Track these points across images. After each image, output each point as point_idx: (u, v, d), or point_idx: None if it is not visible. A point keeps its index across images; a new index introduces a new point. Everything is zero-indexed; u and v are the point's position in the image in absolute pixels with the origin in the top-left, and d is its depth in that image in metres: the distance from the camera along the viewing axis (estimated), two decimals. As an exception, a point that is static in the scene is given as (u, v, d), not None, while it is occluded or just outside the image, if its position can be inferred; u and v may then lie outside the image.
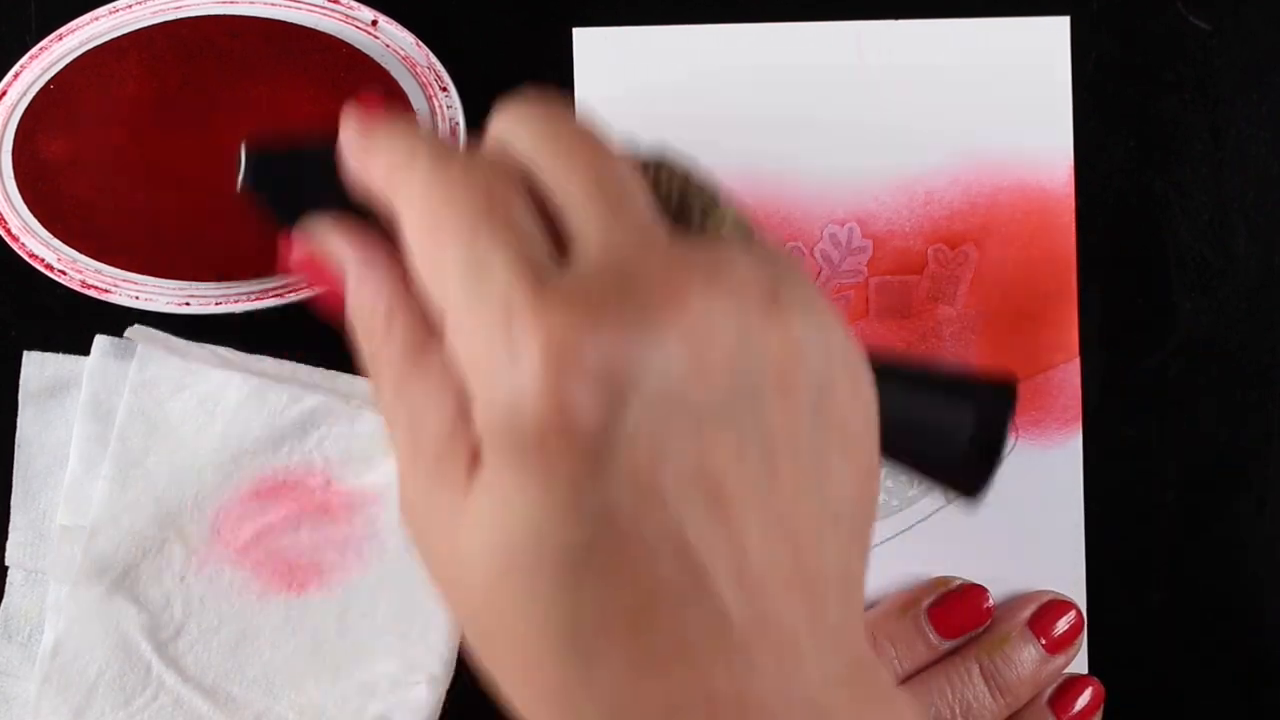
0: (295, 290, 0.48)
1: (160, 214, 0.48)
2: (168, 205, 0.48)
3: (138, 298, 0.48)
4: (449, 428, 0.28)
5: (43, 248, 0.48)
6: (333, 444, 0.48)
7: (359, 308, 0.31)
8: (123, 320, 0.48)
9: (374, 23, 0.49)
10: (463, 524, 0.28)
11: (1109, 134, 0.50)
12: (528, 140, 0.30)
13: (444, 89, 0.49)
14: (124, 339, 0.48)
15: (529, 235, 0.28)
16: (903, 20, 0.50)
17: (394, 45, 0.49)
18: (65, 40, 0.49)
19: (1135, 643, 0.50)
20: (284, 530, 0.48)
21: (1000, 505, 0.49)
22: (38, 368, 0.48)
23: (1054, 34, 0.50)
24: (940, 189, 0.50)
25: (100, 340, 0.48)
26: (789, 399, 0.28)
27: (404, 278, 0.30)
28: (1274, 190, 0.50)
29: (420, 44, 0.49)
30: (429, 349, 0.29)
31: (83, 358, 0.48)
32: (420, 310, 0.30)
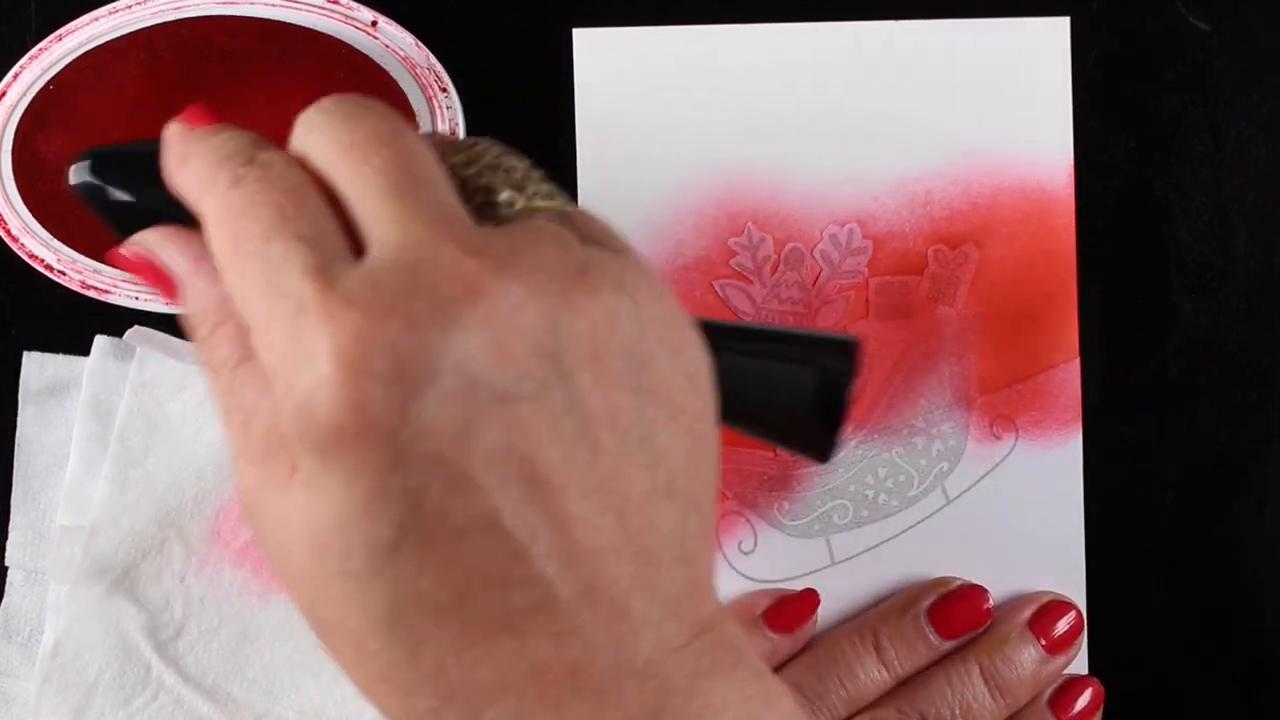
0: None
1: (160, 214, 0.48)
2: (168, 205, 0.48)
3: (138, 298, 0.48)
4: (273, 425, 0.29)
5: (42, 248, 0.48)
6: (333, 444, 0.48)
7: (191, 313, 0.32)
8: (123, 320, 0.48)
9: (373, 23, 0.49)
10: (288, 517, 0.29)
11: (1109, 134, 0.50)
12: (323, 146, 0.31)
13: (444, 89, 0.49)
14: (124, 340, 0.48)
15: (323, 239, 0.29)
16: (903, 20, 0.50)
17: (393, 46, 0.49)
18: (65, 40, 0.49)
19: (1135, 643, 0.50)
20: (284, 530, 0.48)
21: (1000, 505, 0.49)
22: (38, 368, 0.48)
23: (1054, 34, 0.50)
24: (940, 189, 0.50)
25: (100, 340, 0.48)
26: (603, 374, 0.28)
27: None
28: (1274, 190, 0.50)
29: (420, 44, 0.49)
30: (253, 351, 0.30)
31: (83, 358, 0.48)
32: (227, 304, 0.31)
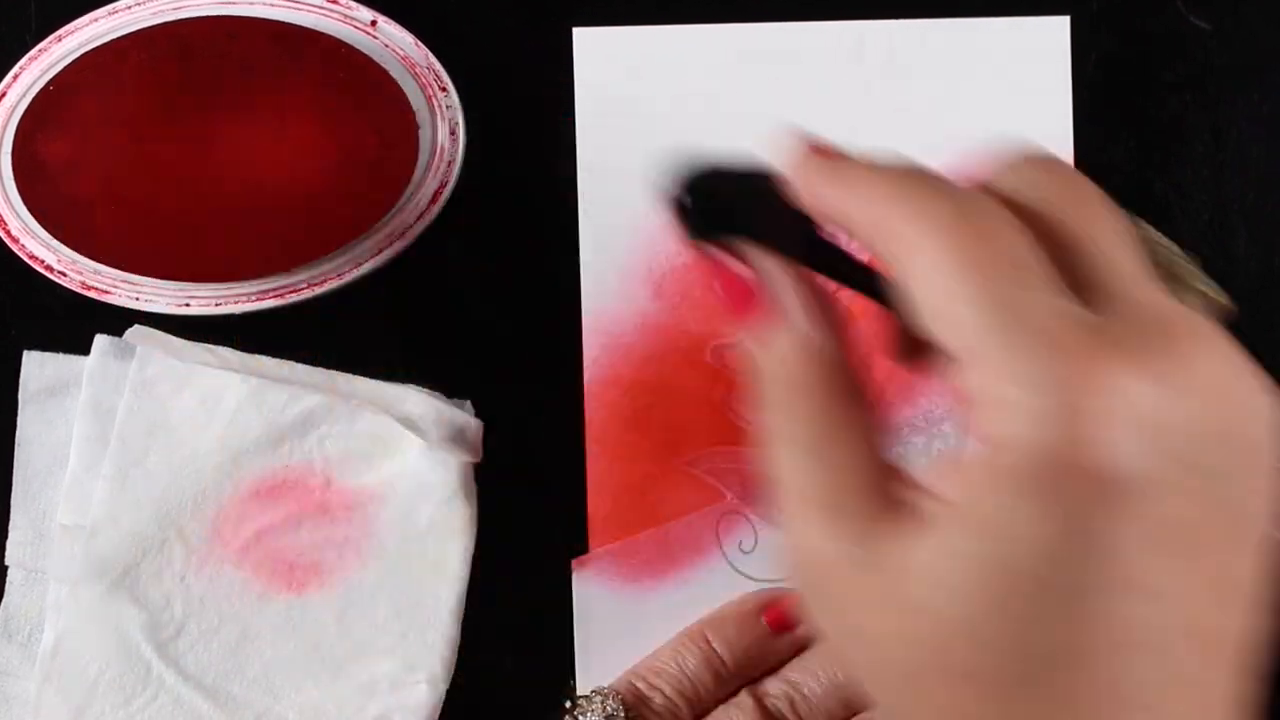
0: (295, 291, 0.48)
1: (160, 214, 0.48)
2: (168, 205, 0.48)
3: (138, 298, 0.48)
4: (864, 471, 0.30)
5: (43, 249, 0.48)
6: (333, 444, 0.48)
7: (786, 347, 0.31)
8: (123, 321, 0.48)
9: (373, 23, 0.49)
10: (894, 564, 0.28)
11: (1109, 134, 0.50)
12: (1047, 189, 0.31)
13: (443, 89, 0.49)
14: (124, 339, 0.48)
15: (1057, 280, 0.29)
16: (903, 20, 0.50)
17: (393, 45, 0.49)
18: (65, 41, 0.49)
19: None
20: (284, 530, 0.48)
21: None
22: (38, 368, 0.49)
23: (1054, 34, 0.50)
24: (940, 189, 0.50)
25: (100, 340, 0.48)
26: (1258, 478, 0.29)
27: (843, 328, 0.31)
28: (1274, 190, 0.50)
29: (419, 44, 0.49)
30: (849, 400, 0.31)
31: (83, 358, 0.48)
32: (843, 365, 0.31)
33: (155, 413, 0.48)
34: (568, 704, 0.46)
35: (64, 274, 0.48)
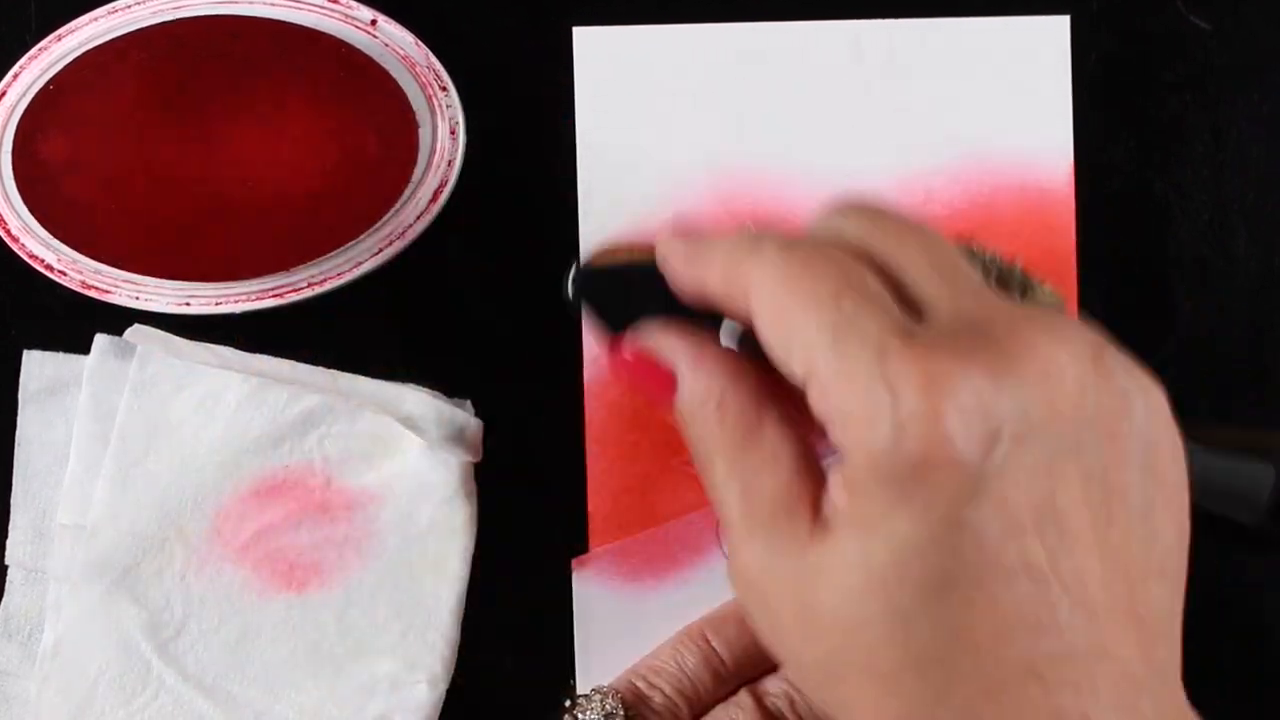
0: (295, 290, 0.48)
1: (160, 214, 0.48)
2: (168, 205, 0.48)
3: (138, 298, 0.48)
4: (790, 481, 0.32)
5: (43, 248, 0.48)
6: (333, 443, 0.48)
7: (692, 396, 0.34)
8: (123, 320, 0.48)
9: (373, 22, 0.49)
10: (812, 567, 0.31)
11: (1109, 134, 0.50)
12: (861, 227, 0.33)
13: (443, 88, 0.49)
14: (124, 339, 0.48)
15: (886, 298, 0.31)
16: (903, 20, 0.50)
17: (393, 45, 0.49)
18: (65, 40, 0.49)
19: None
20: (284, 529, 0.48)
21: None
22: (38, 367, 0.49)
23: (1054, 33, 0.50)
24: (940, 188, 0.50)
25: (100, 340, 0.48)
26: (1119, 448, 0.30)
27: (731, 368, 0.34)
28: (1274, 190, 0.50)
29: (419, 43, 0.49)
30: (761, 424, 0.33)
31: (83, 357, 0.48)
32: (749, 393, 0.33)
33: (155, 412, 0.48)
34: (567, 703, 0.46)
35: (64, 274, 0.48)
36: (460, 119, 0.49)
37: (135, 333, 0.47)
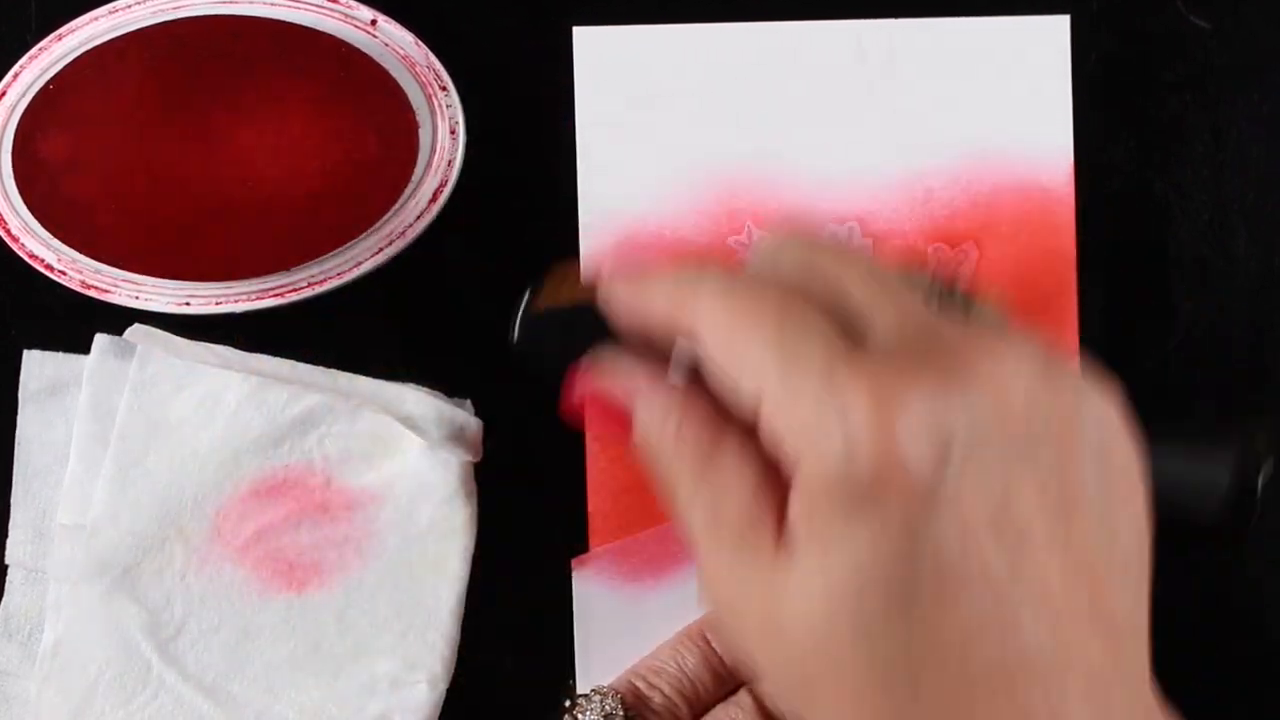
0: (295, 290, 0.48)
1: (160, 214, 0.48)
2: (168, 205, 0.48)
3: (138, 298, 0.48)
4: (750, 503, 0.32)
5: (42, 248, 0.48)
6: (333, 443, 0.48)
7: (649, 424, 0.35)
8: (123, 320, 0.48)
9: (373, 22, 0.49)
10: (778, 584, 0.31)
11: (1109, 134, 0.50)
12: (798, 259, 0.34)
13: (443, 88, 0.49)
14: (124, 338, 0.48)
15: (827, 325, 0.32)
16: (903, 20, 0.50)
17: (393, 44, 0.49)
18: (65, 40, 0.49)
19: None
20: (284, 529, 0.48)
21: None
22: (38, 367, 0.49)
23: (1054, 33, 0.50)
24: (940, 188, 0.50)
25: (100, 339, 0.48)
26: (1072, 454, 0.31)
27: (686, 395, 0.34)
28: (1274, 190, 0.50)
29: (419, 43, 0.49)
30: (720, 442, 0.33)
31: (83, 357, 0.48)
32: (704, 417, 0.34)
33: (155, 412, 0.48)
34: (567, 703, 0.46)
35: (64, 273, 0.48)
36: (460, 119, 0.49)
37: (135, 332, 0.47)
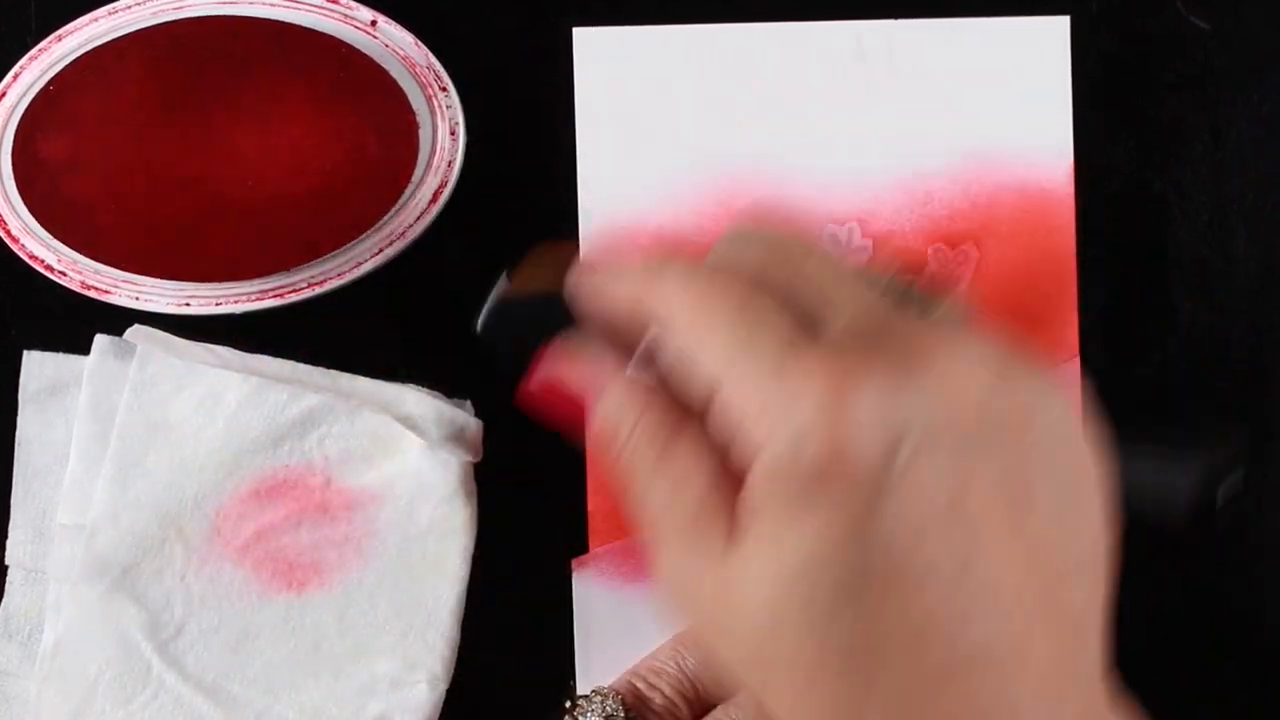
0: (295, 291, 0.48)
1: (160, 214, 0.48)
2: (168, 205, 0.48)
3: (138, 298, 0.48)
4: (705, 493, 0.32)
5: (43, 249, 0.48)
6: (333, 443, 0.48)
7: (610, 412, 0.35)
8: (123, 320, 0.48)
9: (373, 23, 0.49)
10: (732, 572, 0.31)
11: (1109, 134, 0.50)
12: (758, 251, 0.34)
13: (443, 89, 0.49)
14: (124, 339, 0.48)
15: (782, 317, 0.32)
16: (903, 20, 0.50)
17: (393, 45, 0.49)
18: (65, 41, 0.49)
19: (1135, 643, 0.49)
20: (284, 529, 0.48)
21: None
22: (38, 367, 0.49)
23: (1054, 34, 0.50)
24: (940, 188, 0.50)
25: (100, 340, 0.48)
26: (1027, 451, 0.30)
27: (644, 388, 0.35)
28: (1274, 190, 0.50)
29: (419, 43, 0.49)
30: (678, 434, 0.34)
31: (83, 357, 0.48)
32: (663, 409, 0.34)
33: (155, 412, 0.48)
34: (568, 704, 0.46)
35: (64, 274, 0.48)
36: (460, 119, 0.49)
37: (135, 333, 0.47)
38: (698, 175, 0.49)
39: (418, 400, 0.47)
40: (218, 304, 0.48)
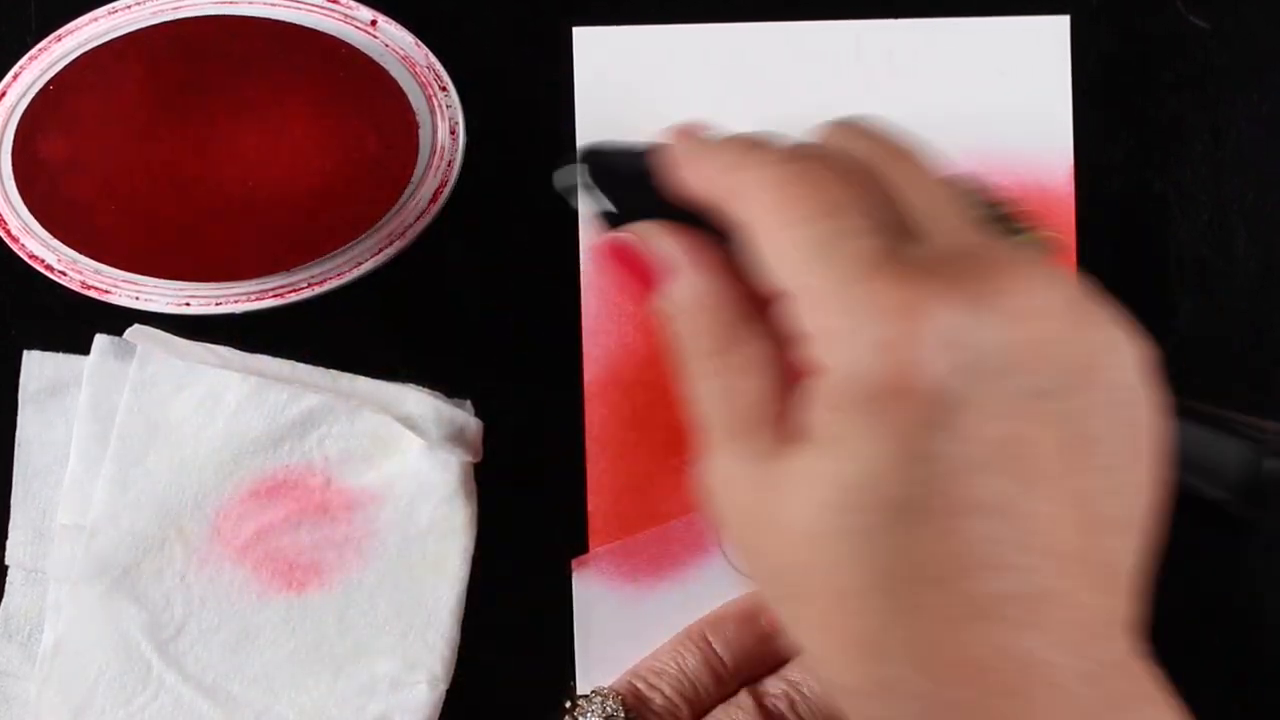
0: (295, 291, 0.48)
1: (160, 214, 0.48)
2: (168, 205, 0.48)
3: (138, 298, 0.48)
4: (760, 398, 0.32)
5: (43, 248, 0.48)
6: (333, 443, 0.48)
7: (683, 294, 0.34)
8: (123, 320, 0.48)
9: (373, 22, 0.49)
10: (781, 484, 0.31)
11: (1109, 134, 0.50)
12: (867, 148, 0.33)
13: (443, 88, 0.49)
14: (124, 339, 0.48)
15: (879, 215, 0.31)
16: (903, 20, 0.50)
17: (393, 45, 0.49)
18: (65, 41, 0.49)
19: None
20: (284, 529, 0.48)
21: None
22: (38, 368, 0.49)
23: (1054, 33, 0.50)
24: (940, 188, 0.50)
25: (100, 340, 0.48)
26: (1094, 397, 0.30)
27: (723, 272, 0.34)
28: (1274, 190, 0.50)
29: (419, 43, 0.49)
30: (744, 333, 0.33)
31: (83, 357, 0.48)
32: (733, 301, 0.33)
33: (155, 412, 0.48)
34: (568, 704, 0.46)
35: (64, 274, 0.48)
36: (460, 119, 0.49)
37: (135, 333, 0.47)
38: (698, 175, 0.49)
39: (418, 400, 0.47)
40: (218, 304, 0.48)
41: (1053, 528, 0.29)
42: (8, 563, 0.48)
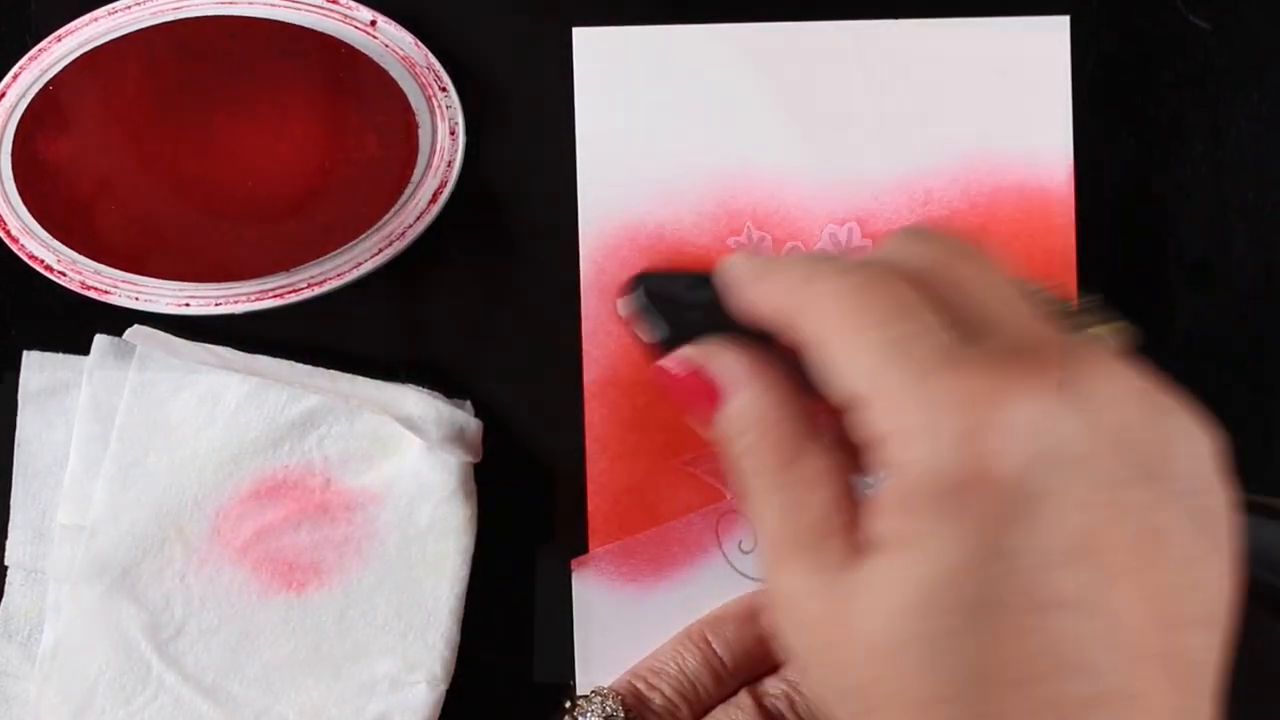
0: (295, 291, 0.48)
1: (160, 214, 0.48)
2: (168, 205, 0.48)
3: (138, 298, 0.48)
4: (827, 512, 0.32)
5: (42, 249, 0.48)
6: (332, 444, 0.48)
7: (741, 413, 0.34)
8: (123, 321, 0.48)
9: (373, 23, 0.49)
10: (853, 595, 0.30)
11: (1109, 134, 0.50)
12: (921, 253, 0.33)
13: (443, 89, 0.49)
14: (124, 339, 0.48)
15: (939, 322, 0.31)
16: (902, 20, 0.50)
17: (393, 45, 0.49)
18: (64, 41, 0.49)
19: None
20: (284, 530, 0.48)
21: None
22: (38, 368, 0.49)
23: (1054, 33, 0.50)
24: (940, 189, 0.50)
25: (100, 340, 0.48)
26: (1165, 490, 0.30)
27: (782, 389, 0.34)
28: (1274, 190, 0.50)
29: (419, 44, 0.49)
30: (806, 448, 0.33)
31: (83, 357, 0.48)
32: (794, 417, 0.33)
33: (155, 412, 0.48)
34: (567, 704, 0.46)
35: (64, 274, 0.48)
36: (460, 119, 0.49)
37: (135, 333, 0.47)
38: (697, 175, 0.49)
39: (418, 400, 0.47)
40: (218, 304, 0.48)
41: (1126, 624, 0.29)
42: (8, 563, 0.48)
